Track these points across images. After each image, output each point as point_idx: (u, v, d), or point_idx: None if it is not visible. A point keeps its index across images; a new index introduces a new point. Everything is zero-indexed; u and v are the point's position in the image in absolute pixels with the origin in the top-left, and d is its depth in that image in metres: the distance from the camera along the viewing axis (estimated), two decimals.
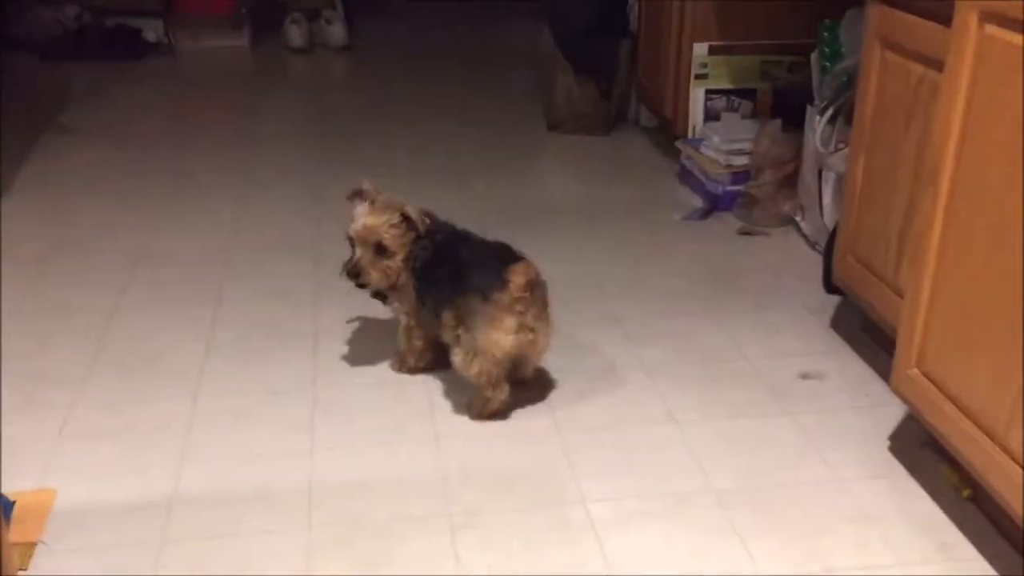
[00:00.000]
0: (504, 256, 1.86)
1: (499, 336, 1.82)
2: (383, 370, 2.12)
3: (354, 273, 1.93)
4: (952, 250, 1.55)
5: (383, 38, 5.15)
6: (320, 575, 1.54)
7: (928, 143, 1.66)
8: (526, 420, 1.95)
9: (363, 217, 1.92)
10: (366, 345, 2.22)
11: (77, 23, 4.67)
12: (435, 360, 2.08)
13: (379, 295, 2.04)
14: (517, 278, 1.79)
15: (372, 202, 1.94)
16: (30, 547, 1.60)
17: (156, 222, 2.88)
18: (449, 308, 1.88)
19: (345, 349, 2.20)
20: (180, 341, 2.23)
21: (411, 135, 3.67)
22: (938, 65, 1.64)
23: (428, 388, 2.06)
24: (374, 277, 1.94)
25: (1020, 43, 1.38)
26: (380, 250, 1.92)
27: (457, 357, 1.89)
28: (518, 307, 1.80)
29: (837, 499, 1.71)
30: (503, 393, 1.91)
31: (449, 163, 3.37)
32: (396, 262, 1.94)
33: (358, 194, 1.97)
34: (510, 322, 1.81)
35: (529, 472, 1.80)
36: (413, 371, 2.09)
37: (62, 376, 2.08)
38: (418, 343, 2.05)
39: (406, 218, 1.92)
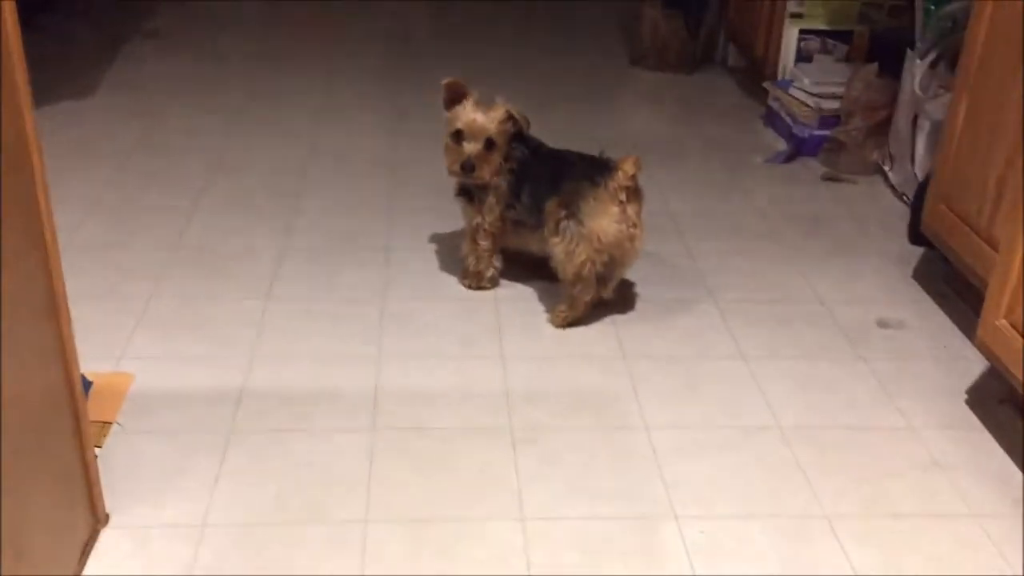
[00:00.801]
0: (602, 157, 1.94)
1: (605, 222, 1.88)
2: (453, 286, 2.12)
3: (470, 166, 1.96)
4: None
5: None
6: (380, 474, 1.56)
7: None
8: (594, 345, 1.94)
9: (474, 113, 1.96)
10: (438, 262, 2.22)
11: None
12: (501, 274, 2.11)
13: (467, 193, 2.04)
14: (626, 166, 1.86)
15: (475, 100, 1.97)
16: (105, 426, 1.64)
17: (237, 130, 2.91)
18: (554, 196, 1.92)
19: (417, 264, 2.21)
20: (256, 245, 2.25)
21: (492, 63, 3.62)
22: None
23: (496, 307, 2.05)
24: (484, 171, 1.97)
25: None
26: (489, 144, 1.96)
27: (559, 248, 1.92)
28: (622, 196, 1.87)
29: (907, 446, 1.67)
30: (590, 293, 1.95)
31: (529, 93, 3.29)
32: (499, 158, 1.98)
33: (458, 90, 1.97)
34: (615, 210, 1.88)
35: (593, 395, 1.79)
36: (482, 280, 2.10)
37: (141, 269, 2.12)
38: (486, 244, 2.06)
39: (511, 117, 1.96)
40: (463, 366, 1.86)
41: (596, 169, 1.91)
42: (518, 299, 2.08)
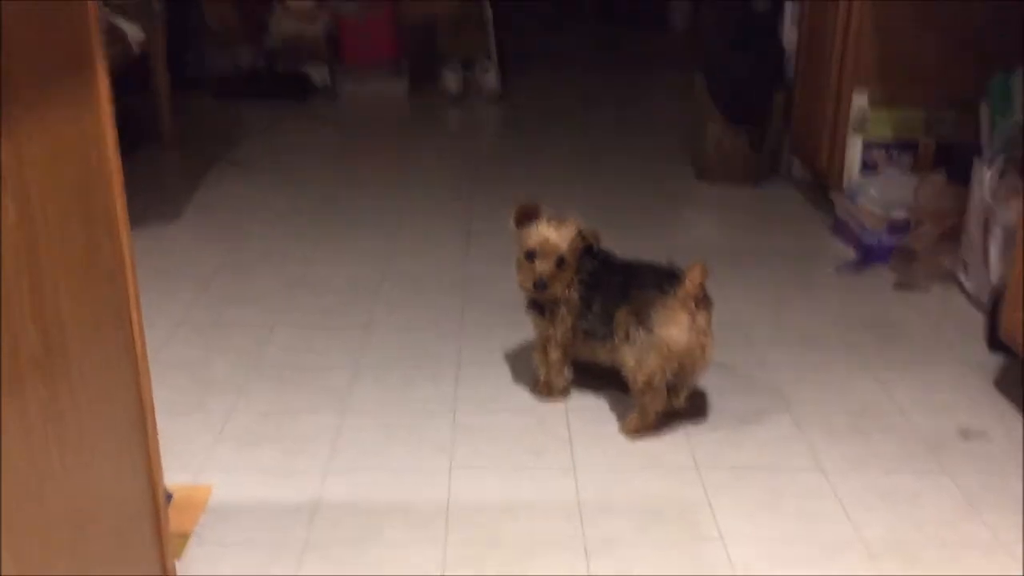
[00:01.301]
0: (671, 266, 1.96)
1: (674, 331, 1.89)
2: (524, 398, 2.14)
3: (542, 284, 2.00)
4: None
5: (536, 87, 5.26)
6: None
7: None
8: (667, 455, 1.92)
9: (546, 231, 2.00)
10: (508, 376, 2.24)
11: (251, 66, 4.98)
12: (572, 384, 2.12)
13: (538, 307, 2.07)
14: (694, 274, 1.89)
15: (547, 219, 2.02)
16: (185, 537, 1.67)
17: (313, 251, 3.01)
18: (624, 305, 1.95)
19: (487, 377, 2.23)
20: (331, 361, 2.31)
21: (561, 180, 3.72)
22: None
23: (568, 417, 2.06)
24: (556, 287, 2.01)
25: None
26: (560, 262, 1.99)
27: (629, 356, 1.93)
28: (691, 304, 1.89)
29: (998, 562, 1.61)
30: (661, 403, 1.95)
31: (598, 208, 3.38)
32: (570, 273, 2.02)
33: (529, 210, 2.03)
34: (685, 318, 1.89)
35: (668, 507, 1.77)
36: (554, 392, 2.11)
37: (223, 384, 2.19)
38: (557, 355, 2.08)
39: (581, 233, 2.01)
40: (535, 476, 1.86)
41: (664, 278, 1.93)
42: (589, 409, 2.09)
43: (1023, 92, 2.47)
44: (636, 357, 1.93)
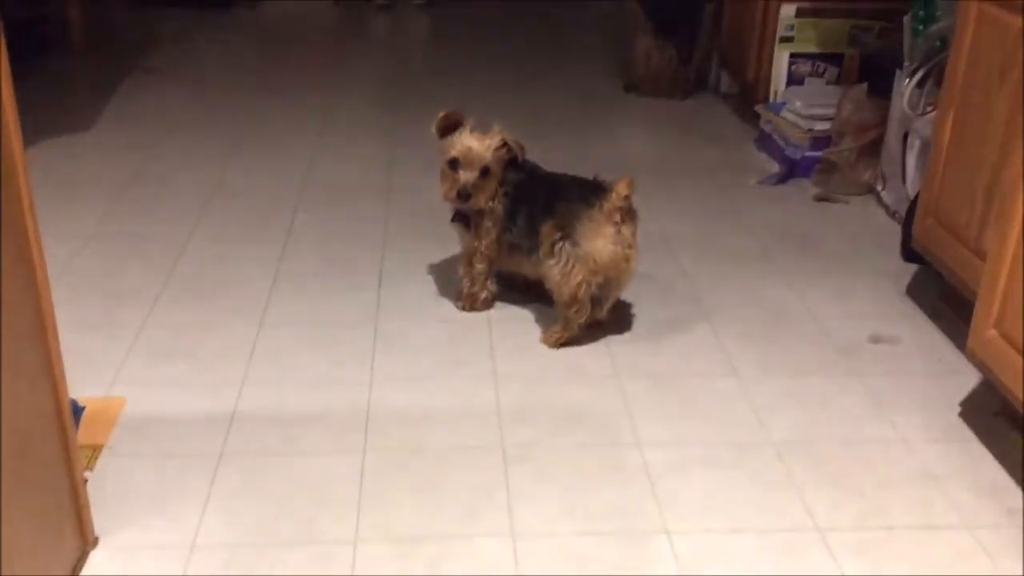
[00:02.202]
0: (596, 180, 1.94)
1: (600, 243, 1.89)
2: (446, 309, 2.13)
3: (465, 194, 1.97)
4: None
5: None
6: (371, 495, 1.55)
7: (1021, 98, 1.59)
8: (586, 363, 1.94)
9: (470, 141, 1.97)
10: (431, 286, 2.23)
11: None
12: (496, 296, 2.12)
13: (463, 218, 2.05)
14: (620, 187, 1.87)
15: (471, 128, 1.99)
16: (96, 449, 1.64)
17: (233, 161, 2.93)
18: (549, 219, 1.93)
19: (410, 288, 2.21)
20: (250, 272, 2.26)
21: (487, 92, 3.66)
22: None
23: (490, 329, 2.05)
24: (479, 198, 1.99)
25: None
26: (484, 172, 1.97)
27: (554, 269, 1.93)
28: (617, 217, 1.88)
29: (901, 459, 1.67)
30: (584, 315, 1.95)
31: (524, 120, 3.33)
32: (495, 184, 1.99)
33: (453, 119, 1.99)
34: (610, 231, 1.89)
35: (586, 413, 1.78)
36: (476, 302, 2.11)
37: (135, 297, 2.13)
38: (481, 267, 2.07)
39: (505, 143, 1.98)
40: (455, 386, 1.86)
41: (591, 191, 1.92)
42: (512, 320, 2.09)
43: (945, 2, 2.47)
44: (561, 270, 1.92)
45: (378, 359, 1.93)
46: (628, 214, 1.91)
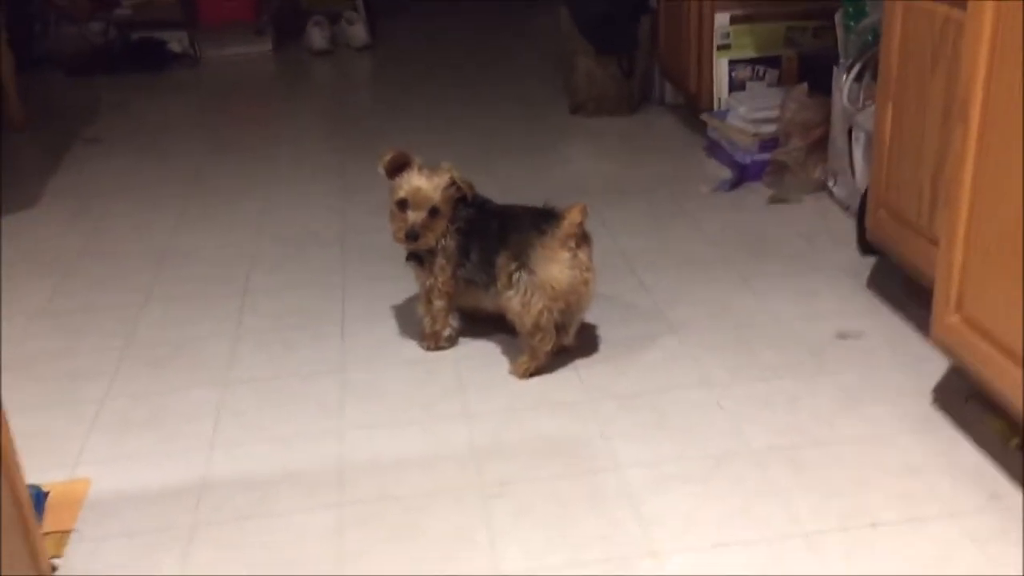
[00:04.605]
0: (547, 208, 1.94)
1: (556, 269, 1.88)
2: (412, 351, 2.10)
3: (413, 235, 1.96)
4: (986, 185, 1.49)
5: (405, 36, 5.15)
6: (350, 549, 1.52)
7: (956, 83, 1.61)
8: (557, 391, 1.92)
9: (417, 181, 1.96)
10: (394, 328, 2.20)
11: (102, 38, 4.72)
12: (459, 332, 2.10)
13: (417, 258, 2.04)
14: (572, 214, 1.87)
15: (419, 167, 1.97)
16: (64, 535, 1.59)
17: (183, 223, 2.89)
18: (503, 250, 1.93)
19: (374, 333, 2.19)
20: (208, 332, 2.22)
21: (434, 127, 3.66)
22: (962, 2, 1.58)
23: (457, 366, 2.03)
24: (429, 237, 1.97)
25: None
26: (433, 212, 1.96)
27: (514, 301, 1.91)
28: (571, 243, 1.87)
29: (879, 454, 1.66)
30: (550, 343, 1.93)
31: (473, 151, 3.34)
32: (444, 223, 1.98)
33: (400, 159, 1.98)
34: (565, 256, 1.88)
35: (561, 442, 1.76)
36: (439, 340, 2.08)
37: (93, 371, 2.08)
38: (440, 304, 2.05)
39: (454, 182, 1.97)
40: (428, 428, 1.83)
41: (543, 219, 1.90)
42: (479, 355, 2.07)
43: None
44: (521, 300, 1.90)
45: (347, 408, 1.90)
46: (582, 238, 1.91)
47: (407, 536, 1.54)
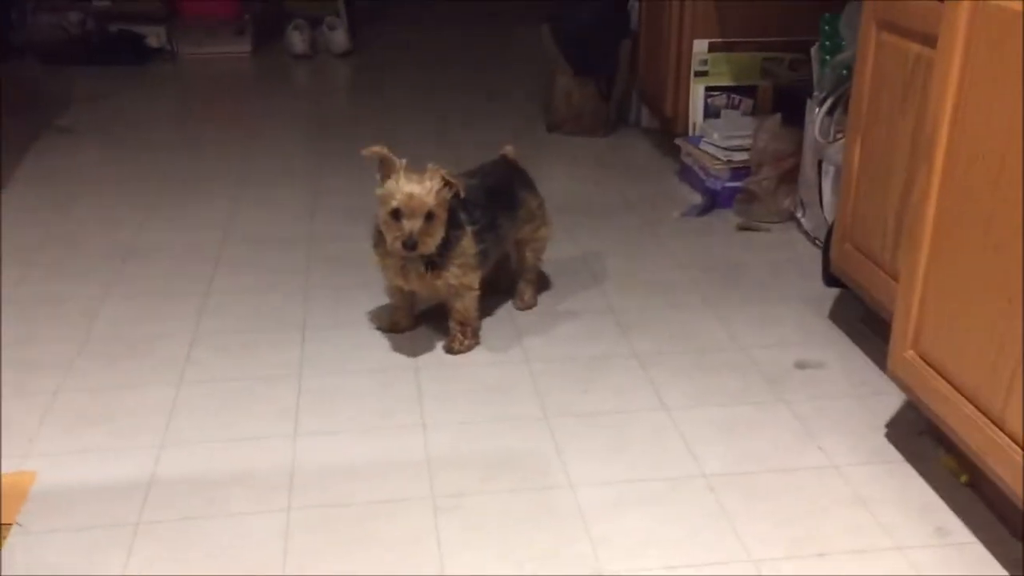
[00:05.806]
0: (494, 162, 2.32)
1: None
2: (372, 359, 2.09)
3: (412, 244, 1.90)
4: (947, 225, 1.51)
5: (385, 43, 5.16)
6: (296, 555, 1.50)
7: (924, 121, 1.63)
8: (515, 406, 1.91)
9: (409, 187, 1.90)
10: (355, 335, 2.19)
11: (80, 29, 4.68)
12: (422, 345, 2.10)
13: (431, 262, 2.00)
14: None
15: (405, 171, 1.93)
16: (5, 528, 1.56)
17: (150, 219, 2.86)
18: (521, 208, 2.22)
19: (334, 339, 2.17)
20: (167, 331, 2.20)
21: (410, 137, 3.64)
22: (934, 42, 1.60)
23: (417, 375, 2.02)
24: (428, 243, 1.93)
25: (1017, 8, 1.35)
26: (428, 217, 1.91)
27: (542, 230, 2.28)
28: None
29: (831, 484, 1.67)
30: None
31: (448, 165, 3.33)
32: (442, 226, 1.95)
33: (383, 161, 1.94)
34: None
35: (516, 457, 1.76)
36: (404, 321, 2.16)
37: (48, 363, 2.05)
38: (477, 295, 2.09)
39: (446, 183, 1.94)
40: (382, 436, 1.82)
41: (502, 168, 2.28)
42: (440, 366, 2.06)
43: (850, 32, 2.54)
44: (545, 220, 2.30)
45: (303, 414, 1.89)
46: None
47: (355, 544, 1.53)
